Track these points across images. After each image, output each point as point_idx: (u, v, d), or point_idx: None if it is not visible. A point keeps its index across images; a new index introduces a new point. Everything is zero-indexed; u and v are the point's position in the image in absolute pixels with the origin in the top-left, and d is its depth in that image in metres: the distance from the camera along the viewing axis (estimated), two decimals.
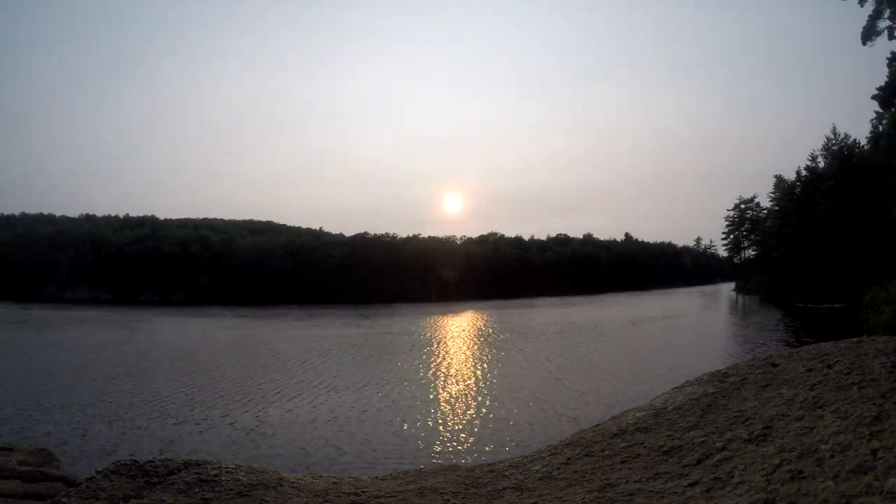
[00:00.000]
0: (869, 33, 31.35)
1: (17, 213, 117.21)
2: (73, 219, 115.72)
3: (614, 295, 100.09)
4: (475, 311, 66.81)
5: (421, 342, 37.81)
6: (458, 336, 42.08)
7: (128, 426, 17.00)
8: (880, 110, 41.69)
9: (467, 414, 18.44)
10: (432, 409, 19.08)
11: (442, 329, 47.22)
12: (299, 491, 3.40)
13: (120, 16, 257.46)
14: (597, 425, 4.24)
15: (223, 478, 3.36)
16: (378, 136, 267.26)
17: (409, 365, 28.10)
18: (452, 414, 18.48)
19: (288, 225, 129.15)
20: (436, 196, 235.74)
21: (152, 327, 49.03)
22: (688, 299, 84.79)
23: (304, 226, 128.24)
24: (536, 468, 3.55)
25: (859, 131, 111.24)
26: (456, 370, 26.75)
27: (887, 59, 36.42)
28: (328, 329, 47.25)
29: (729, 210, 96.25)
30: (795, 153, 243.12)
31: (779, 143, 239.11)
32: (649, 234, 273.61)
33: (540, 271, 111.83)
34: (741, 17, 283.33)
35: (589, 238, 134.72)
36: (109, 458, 11.89)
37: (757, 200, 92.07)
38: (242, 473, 3.46)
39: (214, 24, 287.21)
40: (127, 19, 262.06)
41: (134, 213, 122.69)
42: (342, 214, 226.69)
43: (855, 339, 4.57)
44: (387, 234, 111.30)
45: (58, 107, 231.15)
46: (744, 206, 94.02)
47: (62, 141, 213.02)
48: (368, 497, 3.39)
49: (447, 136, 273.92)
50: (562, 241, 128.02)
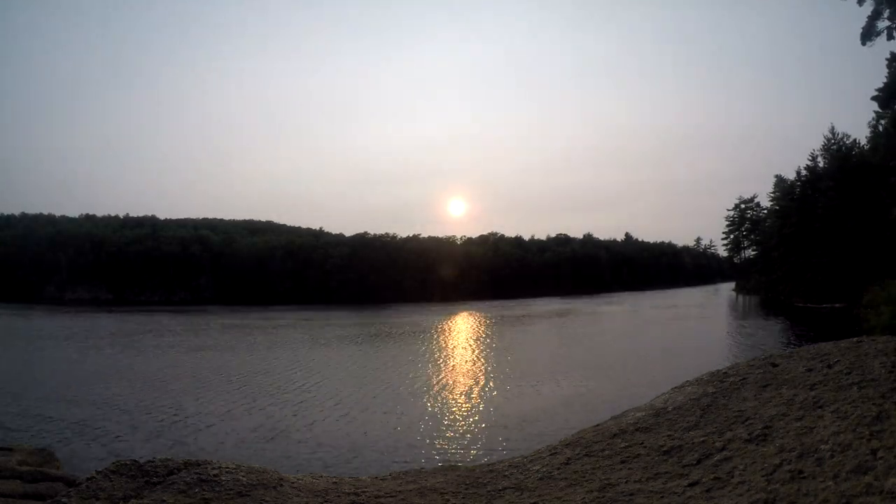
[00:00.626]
0: (868, 33, 31.35)
1: (17, 213, 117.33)
2: (73, 219, 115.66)
3: (614, 295, 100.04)
4: (475, 312, 66.79)
5: (421, 342, 37.80)
6: (457, 336, 42.07)
7: (128, 426, 17.00)
8: (880, 110, 41.72)
9: (467, 414, 18.44)
10: (432, 409, 19.07)
11: (442, 329, 47.21)
12: (299, 491, 3.40)
13: (120, 15, 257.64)
14: (597, 425, 4.24)
15: (223, 478, 3.36)
16: (378, 136, 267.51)
17: (409, 365, 28.10)
18: (452, 414, 18.48)
19: (288, 225, 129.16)
20: (435, 196, 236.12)
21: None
22: (688, 299, 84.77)
23: (304, 226, 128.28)
24: (536, 468, 3.54)
25: (859, 131, 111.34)
26: (456, 370, 26.76)
27: (887, 59, 36.44)
28: (329, 332, 47.26)
29: (729, 210, 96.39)
30: (795, 153, 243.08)
31: (779, 143, 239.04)
32: (649, 234, 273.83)
33: (540, 271, 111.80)
34: (741, 17, 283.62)
35: (589, 238, 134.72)
36: (109, 458, 11.89)
37: (757, 200, 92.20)
38: (242, 473, 3.46)
39: (215, 25, 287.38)
40: (127, 19, 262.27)
41: (134, 213, 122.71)
42: (342, 214, 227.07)
43: (855, 339, 4.57)
44: (387, 234, 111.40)
45: (58, 107, 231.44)
46: (744, 206, 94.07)
47: (62, 141, 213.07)
48: (368, 497, 3.39)
49: (447, 136, 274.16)
50: (562, 241, 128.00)
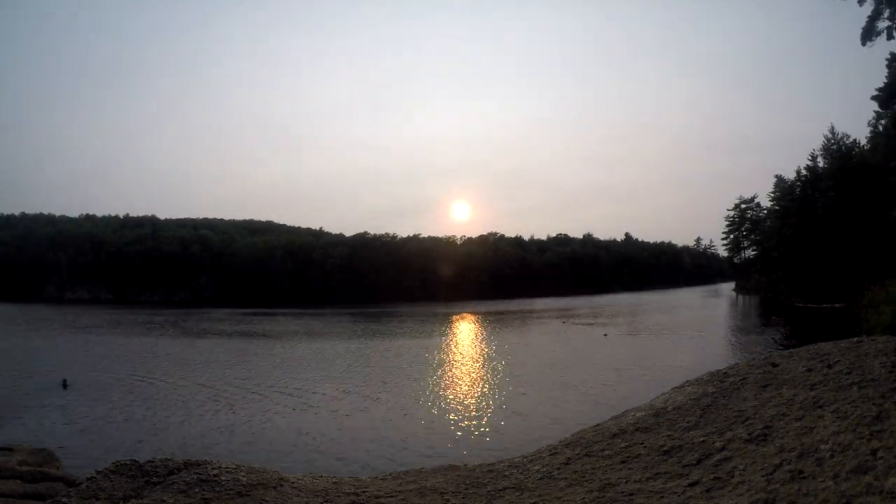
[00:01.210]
0: (868, 34, 31.32)
1: (17, 213, 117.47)
2: (73, 219, 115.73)
3: (614, 295, 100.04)
4: (475, 312, 66.78)
5: (420, 343, 37.80)
6: (457, 336, 42.07)
7: (128, 426, 17.00)
8: (880, 110, 41.72)
9: (467, 414, 18.44)
10: (432, 409, 19.08)
11: (441, 330, 47.20)
12: (299, 491, 3.40)
13: (121, 16, 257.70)
14: (597, 425, 4.24)
15: (223, 478, 3.35)
16: (378, 136, 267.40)
17: (408, 366, 28.10)
18: (452, 414, 18.48)
19: (288, 225, 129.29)
20: (435, 196, 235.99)
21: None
22: (689, 299, 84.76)
23: (304, 226, 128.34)
24: (536, 468, 3.54)
25: (859, 131, 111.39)
26: (456, 371, 26.76)
27: (887, 59, 36.44)
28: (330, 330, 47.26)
29: (729, 210, 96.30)
30: (795, 153, 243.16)
31: (779, 143, 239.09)
32: (649, 234, 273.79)
33: (540, 271, 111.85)
34: (741, 17, 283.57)
35: (589, 238, 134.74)
36: (109, 458, 11.89)
37: (757, 200, 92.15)
38: (242, 473, 3.46)
39: (216, 25, 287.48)
40: (128, 19, 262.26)
41: (134, 213, 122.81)
42: (342, 214, 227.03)
43: (855, 339, 4.57)
44: (387, 234, 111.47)
45: (58, 107, 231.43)
46: (744, 206, 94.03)
47: (62, 141, 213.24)
48: (368, 497, 3.39)
49: (447, 136, 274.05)
50: (562, 241, 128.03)
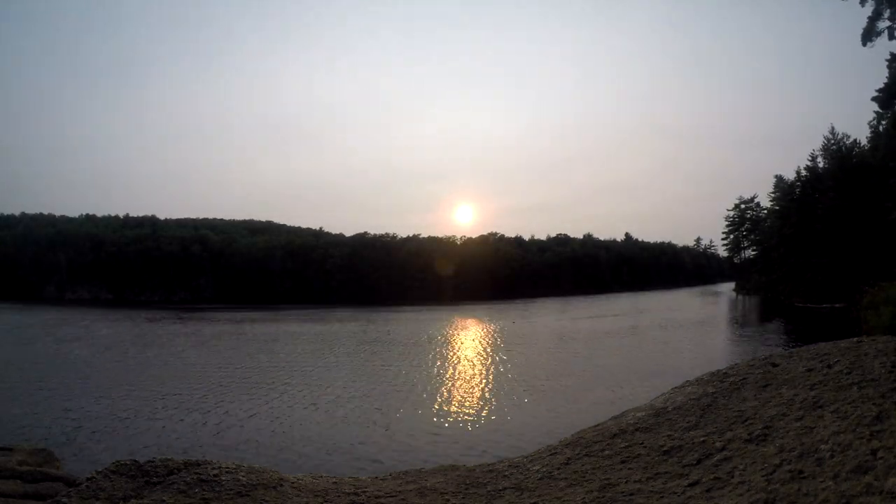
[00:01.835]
0: (869, 34, 31.31)
1: (17, 213, 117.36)
2: (73, 219, 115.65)
3: (615, 296, 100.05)
4: (474, 312, 66.79)
5: (420, 343, 37.80)
6: (457, 337, 42.08)
7: (128, 426, 17.00)
8: (880, 110, 41.71)
9: (467, 414, 18.44)
10: (432, 409, 19.08)
11: (441, 330, 47.21)
12: (299, 491, 3.40)
13: (121, 15, 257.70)
14: (597, 425, 4.24)
15: (223, 478, 3.36)
16: (378, 136, 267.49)
17: (408, 366, 28.10)
18: (452, 414, 18.48)
19: (288, 225, 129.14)
20: (435, 197, 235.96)
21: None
22: (688, 299, 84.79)
23: (304, 226, 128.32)
24: (536, 468, 3.55)
25: (859, 131, 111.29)
26: (455, 371, 26.76)
27: (887, 59, 36.45)
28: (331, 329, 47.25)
29: (729, 210, 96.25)
30: (795, 153, 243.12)
31: (779, 143, 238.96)
32: (649, 234, 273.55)
33: (540, 271, 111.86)
34: (742, 17, 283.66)
35: (589, 238, 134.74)
36: (109, 458, 11.89)
37: (757, 200, 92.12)
38: (242, 473, 3.46)
39: (217, 25, 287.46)
40: (128, 18, 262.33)
41: (134, 213, 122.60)
42: (342, 215, 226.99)
43: (855, 339, 4.58)
44: (387, 234, 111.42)
45: (58, 107, 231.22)
46: (744, 206, 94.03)
47: (62, 141, 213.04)
48: (368, 497, 3.39)
49: (446, 136, 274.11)
50: (562, 241, 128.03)
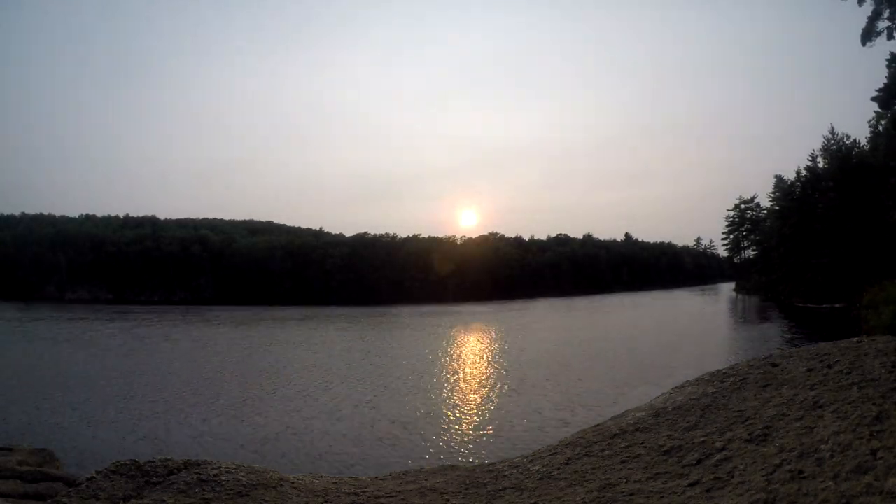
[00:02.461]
0: (868, 34, 31.30)
1: (17, 213, 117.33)
2: (73, 219, 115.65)
3: (615, 296, 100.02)
4: (474, 312, 66.78)
5: (419, 343, 37.80)
6: (457, 337, 42.07)
7: (128, 426, 17.00)
8: (880, 110, 41.71)
9: (467, 414, 18.44)
10: (432, 409, 19.07)
11: (441, 330, 47.20)
12: (299, 491, 3.40)
13: (121, 14, 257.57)
14: (597, 425, 4.24)
15: (223, 478, 3.36)
16: (377, 137, 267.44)
17: (408, 366, 28.10)
18: (452, 414, 18.48)
19: (288, 225, 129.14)
20: (435, 197, 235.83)
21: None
22: (689, 299, 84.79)
23: (304, 226, 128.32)
24: (536, 468, 3.55)
25: (859, 131, 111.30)
26: (455, 371, 26.76)
27: (887, 59, 36.43)
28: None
29: (729, 210, 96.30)
30: (795, 153, 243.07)
31: (779, 142, 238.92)
32: (649, 234, 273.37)
33: (540, 271, 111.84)
34: (741, 17, 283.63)
35: (589, 238, 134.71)
36: (109, 458, 11.89)
37: (757, 200, 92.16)
38: (242, 473, 3.46)
39: (218, 25, 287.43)
40: (128, 19, 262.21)
41: (134, 213, 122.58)
42: (342, 215, 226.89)
43: (855, 339, 4.58)
44: (387, 234, 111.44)
45: (58, 106, 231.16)
46: (744, 206, 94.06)
47: (62, 141, 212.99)
48: (368, 497, 3.39)
49: (446, 136, 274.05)
50: (562, 241, 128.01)
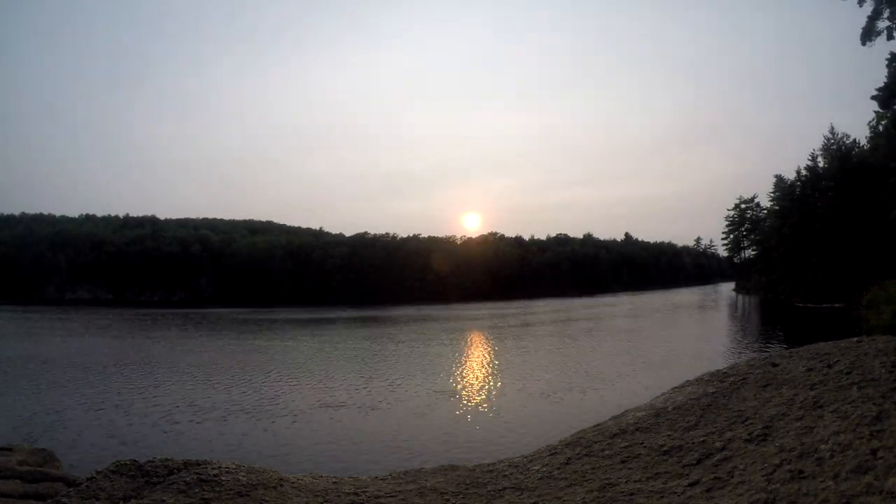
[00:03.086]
0: (868, 33, 31.27)
1: (17, 213, 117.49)
2: (73, 219, 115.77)
3: (615, 296, 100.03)
4: (474, 312, 66.78)
5: (419, 343, 37.80)
6: (457, 337, 42.07)
7: (128, 426, 17.00)
8: (880, 110, 41.68)
9: (467, 414, 18.44)
10: (432, 409, 19.07)
11: (440, 330, 47.20)
12: (299, 491, 3.40)
13: (122, 14, 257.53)
14: (597, 425, 4.24)
15: (223, 478, 3.36)
16: (377, 137, 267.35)
17: (407, 366, 28.11)
18: (452, 414, 18.48)
19: (288, 225, 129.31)
20: (435, 197, 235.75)
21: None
22: (689, 299, 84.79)
23: (304, 226, 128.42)
24: (536, 468, 3.55)
25: (859, 131, 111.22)
26: (455, 371, 26.76)
27: (887, 59, 36.40)
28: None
29: (729, 210, 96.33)
30: (795, 153, 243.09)
31: (779, 142, 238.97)
32: (649, 234, 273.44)
33: (540, 271, 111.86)
34: (742, 17, 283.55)
35: (589, 238, 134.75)
36: (109, 458, 11.89)
37: (757, 200, 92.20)
38: (242, 473, 3.46)
39: (218, 25, 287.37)
40: (129, 17, 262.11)
41: (134, 213, 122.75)
42: (342, 215, 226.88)
43: (855, 339, 4.58)
44: (386, 234, 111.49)
45: (58, 106, 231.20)
46: (744, 205, 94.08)
47: (62, 141, 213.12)
48: (368, 497, 3.39)
49: (446, 137, 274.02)
50: (562, 241, 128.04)
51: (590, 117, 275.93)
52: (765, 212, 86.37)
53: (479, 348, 35.04)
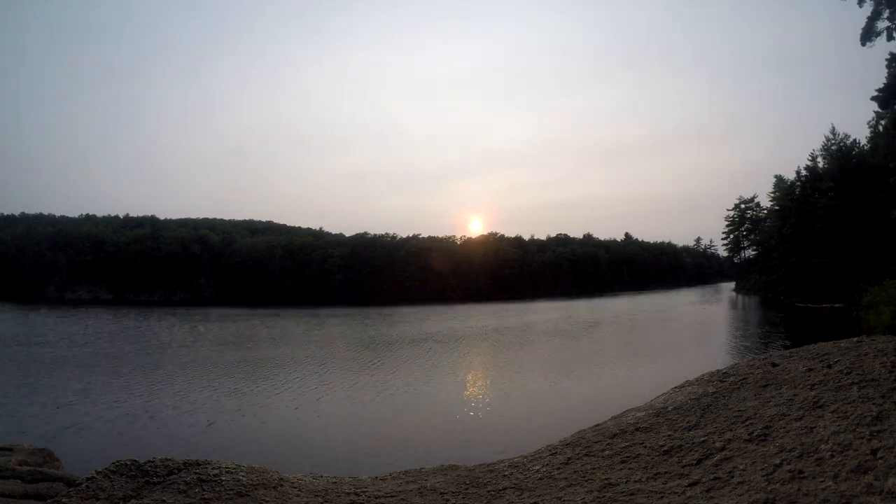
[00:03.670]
0: (868, 34, 31.31)
1: (17, 213, 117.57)
2: (73, 219, 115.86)
3: (615, 296, 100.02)
4: (474, 312, 66.77)
5: (419, 343, 37.80)
6: (456, 337, 42.06)
7: (128, 426, 17.00)
8: (880, 110, 41.72)
9: (467, 414, 18.44)
10: (432, 409, 19.07)
11: (440, 330, 47.20)
12: (299, 491, 3.40)
13: (123, 14, 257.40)
14: (597, 425, 4.24)
15: (223, 478, 3.36)
16: (377, 137, 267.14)
17: (407, 366, 28.10)
18: (452, 414, 18.48)
19: (288, 225, 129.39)
20: (435, 197, 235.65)
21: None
22: (689, 299, 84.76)
23: (304, 226, 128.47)
24: (536, 468, 3.55)
25: (859, 131, 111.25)
26: (454, 371, 26.76)
27: (887, 59, 36.44)
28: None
29: (729, 210, 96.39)
30: (795, 153, 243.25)
31: (779, 142, 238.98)
32: (649, 234, 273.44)
33: (540, 271, 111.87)
34: (742, 17, 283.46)
35: (589, 238, 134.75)
36: (109, 458, 11.88)
37: (757, 200, 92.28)
38: (242, 473, 3.46)
39: (218, 24, 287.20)
40: (130, 17, 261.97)
41: (134, 213, 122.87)
42: (343, 215, 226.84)
43: (855, 339, 4.58)
44: (386, 234, 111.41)
45: (58, 106, 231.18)
46: (744, 206, 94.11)
47: (62, 141, 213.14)
48: (368, 497, 3.39)
49: (446, 137, 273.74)
50: (562, 241, 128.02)
51: (590, 117, 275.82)
52: (765, 212, 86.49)
53: (479, 348, 35.03)
